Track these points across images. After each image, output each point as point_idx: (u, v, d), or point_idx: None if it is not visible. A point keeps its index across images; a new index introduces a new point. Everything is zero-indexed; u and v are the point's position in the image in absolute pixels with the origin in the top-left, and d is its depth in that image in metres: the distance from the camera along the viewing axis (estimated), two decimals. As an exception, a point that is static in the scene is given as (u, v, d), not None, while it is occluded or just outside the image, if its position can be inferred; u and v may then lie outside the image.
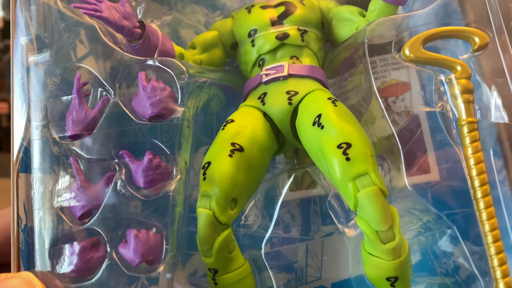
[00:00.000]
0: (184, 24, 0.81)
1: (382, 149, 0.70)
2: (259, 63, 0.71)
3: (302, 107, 0.65)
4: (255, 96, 0.69)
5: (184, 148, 0.65)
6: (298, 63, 0.69)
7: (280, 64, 0.69)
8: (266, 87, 0.68)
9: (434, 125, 0.73)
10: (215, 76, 0.72)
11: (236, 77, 0.76)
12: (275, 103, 0.67)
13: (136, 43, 0.67)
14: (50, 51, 0.65)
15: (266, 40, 0.71)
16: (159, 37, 0.69)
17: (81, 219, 0.61)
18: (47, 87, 0.64)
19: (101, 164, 0.61)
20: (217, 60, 0.75)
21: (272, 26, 0.71)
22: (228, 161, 0.62)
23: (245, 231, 0.71)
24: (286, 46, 0.71)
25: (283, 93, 0.67)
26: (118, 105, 0.62)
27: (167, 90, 0.63)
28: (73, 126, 0.62)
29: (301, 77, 0.68)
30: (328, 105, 0.63)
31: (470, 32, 0.61)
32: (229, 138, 0.64)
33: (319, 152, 0.61)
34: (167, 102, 0.62)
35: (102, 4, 0.65)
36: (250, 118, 0.67)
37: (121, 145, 0.62)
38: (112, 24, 0.64)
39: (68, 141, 0.62)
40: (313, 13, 0.73)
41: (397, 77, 0.76)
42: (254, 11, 0.73)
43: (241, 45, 0.74)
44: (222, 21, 0.77)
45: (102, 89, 0.64)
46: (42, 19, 0.66)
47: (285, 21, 0.71)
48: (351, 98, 0.76)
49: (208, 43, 0.75)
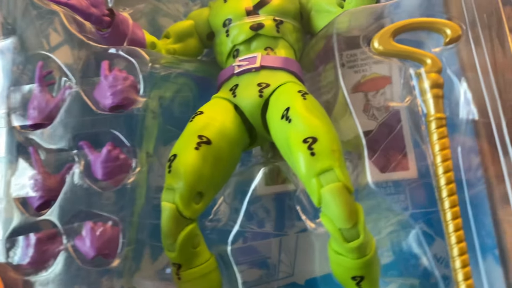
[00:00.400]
0: (163, 13, 0.79)
1: (351, 145, 0.68)
2: (234, 54, 0.69)
3: (273, 100, 0.63)
4: (227, 87, 0.67)
5: (147, 140, 0.63)
6: (272, 54, 0.67)
7: (253, 55, 0.67)
8: (238, 78, 0.66)
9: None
10: (188, 67, 0.70)
11: (212, 68, 0.73)
12: (246, 95, 0.64)
13: (105, 32, 0.65)
14: (15, 38, 0.63)
15: (241, 30, 0.68)
16: (129, 25, 0.67)
17: (38, 210, 0.59)
18: (12, 75, 0.62)
19: (61, 154, 0.60)
20: (192, 50, 0.73)
21: (247, 16, 0.69)
22: (194, 154, 0.60)
23: (213, 225, 0.69)
24: (261, 37, 0.68)
25: (254, 85, 0.64)
26: (79, 94, 0.60)
27: (129, 80, 0.61)
28: (33, 115, 0.60)
29: (274, 69, 0.66)
30: (297, 98, 0.61)
31: (442, 23, 0.58)
32: (196, 130, 0.62)
33: (286, 146, 0.59)
34: (128, 92, 0.60)
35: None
36: (220, 110, 0.64)
37: (81, 136, 0.61)
38: (79, 11, 0.63)
39: (28, 130, 0.61)
40: (290, 3, 0.71)
41: (378, 70, 0.73)
42: (230, 0, 0.71)
43: (217, 35, 0.72)
44: (198, 10, 0.75)
45: (66, 78, 0.62)
46: (7, 6, 0.64)
47: (260, 11, 0.69)
48: (325, 94, 0.73)
49: (183, 32, 0.73)
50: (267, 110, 0.63)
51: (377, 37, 0.59)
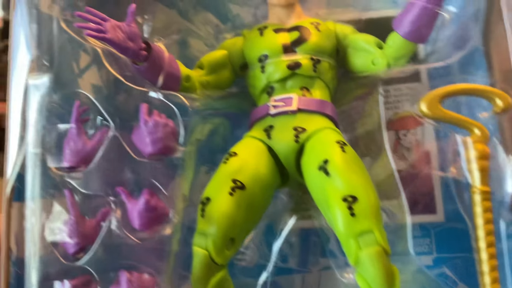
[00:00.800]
0: (194, 34, 0.77)
1: (385, 186, 0.68)
2: (268, 90, 0.67)
3: (309, 146, 0.62)
4: (261, 127, 0.66)
5: (183, 183, 0.62)
6: (308, 95, 0.66)
7: (289, 96, 0.65)
8: (273, 119, 0.65)
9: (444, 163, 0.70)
10: (220, 106, 0.69)
11: (242, 101, 0.72)
12: (281, 139, 0.63)
13: (141, 65, 0.63)
14: (51, 73, 0.61)
15: (277, 68, 0.67)
16: (165, 58, 0.65)
17: (74, 255, 0.59)
18: (46, 112, 0.61)
19: (97, 199, 0.59)
20: (224, 82, 0.71)
21: (284, 53, 0.67)
22: (228, 200, 0.59)
23: (240, 262, 0.69)
24: (297, 76, 0.67)
25: (290, 129, 0.63)
26: (117, 139, 0.59)
27: (169, 127, 0.60)
28: (70, 157, 0.59)
29: (310, 112, 0.65)
30: (336, 149, 0.60)
31: (492, 93, 0.57)
32: (230, 174, 0.61)
33: (323, 199, 0.58)
34: (168, 139, 0.59)
35: (107, 24, 0.61)
36: (254, 152, 0.64)
37: (118, 181, 0.60)
38: (117, 45, 0.61)
39: (64, 172, 0.60)
40: (328, 40, 0.69)
41: (411, 109, 0.72)
42: (267, 34, 0.69)
43: (250, 67, 0.70)
44: (232, 40, 0.73)
45: (102, 118, 0.60)
46: (44, 38, 0.62)
47: (298, 48, 0.67)
48: (358, 128, 0.72)
49: (217, 63, 0.70)
50: (303, 156, 0.63)
51: (425, 101, 0.58)
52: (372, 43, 0.68)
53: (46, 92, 0.61)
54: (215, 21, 0.77)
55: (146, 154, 0.59)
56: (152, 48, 0.63)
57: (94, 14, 0.61)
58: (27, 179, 0.60)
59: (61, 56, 0.65)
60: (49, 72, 0.62)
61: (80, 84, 0.66)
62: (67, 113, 0.60)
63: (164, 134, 0.59)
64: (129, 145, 0.59)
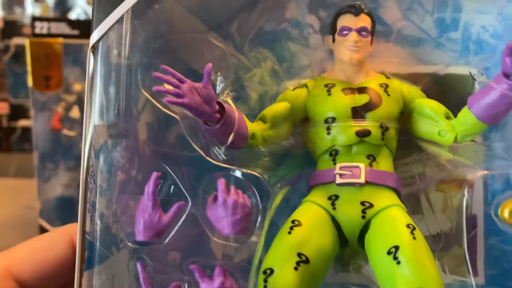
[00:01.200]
0: (248, 70, 0.74)
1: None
2: (332, 152, 0.66)
3: (377, 225, 0.63)
4: (324, 194, 0.65)
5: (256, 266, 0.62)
6: (375, 165, 0.65)
7: (356, 165, 0.65)
8: (339, 189, 0.65)
9: (489, 228, 0.71)
10: (286, 174, 0.67)
11: (302, 159, 0.71)
12: (347, 213, 0.64)
13: (213, 126, 0.62)
14: (125, 140, 0.59)
15: (345, 133, 0.65)
16: (235, 119, 0.63)
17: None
18: (117, 178, 0.59)
19: (170, 276, 0.58)
20: (285, 135, 0.69)
21: (353, 118, 0.66)
22: (293, 275, 0.60)
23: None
24: (365, 143, 0.66)
25: (357, 203, 0.63)
26: (194, 216, 0.58)
27: (247, 207, 0.59)
28: (144, 231, 0.58)
29: (377, 185, 0.64)
30: (406, 235, 0.61)
31: None
32: (295, 246, 0.61)
33: (390, 284, 0.60)
34: (246, 221, 0.59)
35: (184, 86, 0.59)
36: (318, 223, 0.64)
37: (193, 259, 0.59)
38: (193, 110, 0.59)
39: (136, 245, 0.59)
40: (397, 105, 0.67)
41: (462, 172, 0.72)
42: (335, 93, 0.67)
43: (313, 124, 0.68)
44: (295, 92, 0.69)
45: (178, 190, 0.59)
46: (121, 104, 0.59)
47: (367, 114, 0.66)
48: (412, 185, 0.73)
49: (280, 117, 0.68)
50: (369, 233, 0.63)
51: (508, 207, 0.58)
52: (441, 114, 0.67)
53: (118, 157, 0.58)
54: (272, 59, 0.73)
55: (224, 234, 0.58)
56: (225, 111, 0.61)
57: (172, 75, 0.58)
58: (96, 246, 0.58)
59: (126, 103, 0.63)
60: (125, 138, 0.59)
61: (138, 128, 0.64)
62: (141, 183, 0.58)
63: (243, 216, 0.58)
64: (205, 223, 0.58)
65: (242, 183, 0.60)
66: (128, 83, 0.61)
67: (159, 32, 0.63)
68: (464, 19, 0.69)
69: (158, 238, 0.58)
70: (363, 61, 0.68)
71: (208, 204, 0.59)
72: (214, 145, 0.64)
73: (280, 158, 0.69)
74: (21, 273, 0.58)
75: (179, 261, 0.59)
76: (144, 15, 0.62)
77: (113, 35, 0.60)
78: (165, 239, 0.58)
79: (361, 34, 0.66)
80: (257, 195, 0.60)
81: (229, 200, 0.59)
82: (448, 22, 0.70)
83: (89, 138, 0.58)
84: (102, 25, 0.59)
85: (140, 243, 0.58)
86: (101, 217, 0.59)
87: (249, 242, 0.60)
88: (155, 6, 0.61)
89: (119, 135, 0.59)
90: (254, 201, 0.60)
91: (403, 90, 0.68)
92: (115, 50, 0.60)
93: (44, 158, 2.40)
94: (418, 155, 0.72)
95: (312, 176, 0.67)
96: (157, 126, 0.63)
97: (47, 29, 2.36)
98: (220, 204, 0.58)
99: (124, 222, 0.58)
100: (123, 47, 0.61)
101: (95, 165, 0.58)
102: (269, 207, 0.63)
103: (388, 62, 0.72)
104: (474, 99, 0.64)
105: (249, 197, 0.60)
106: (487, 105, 0.62)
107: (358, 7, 0.66)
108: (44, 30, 2.36)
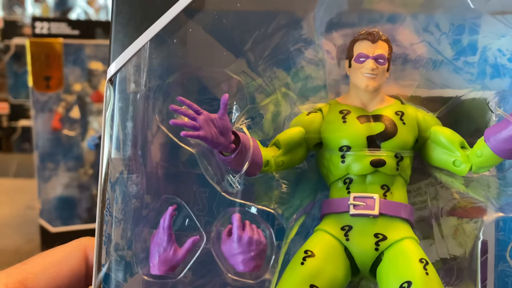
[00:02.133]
0: (261, 89, 0.73)
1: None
2: (345, 180, 0.65)
3: (390, 258, 0.62)
4: (337, 223, 0.64)
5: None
6: (389, 196, 0.64)
7: (370, 196, 0.64)
8: (353, 219, 0.64)
9: (500, 254, 0.70)
10: (301, 203, 0.66)
11: (315, 186, 0.69)
12: (361, 244, 0.63)
13: (228, 156, 0.60)
14: (140, 172, 0.57)
15: (359, 163, 0.64)
16: (250, 148, 0.62)
17: None
18: (132, 207, 0.57)
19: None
20: (298, 160, 0.69)
21: (368, 147, 0.64)
22: None
23: None
24: (379, 173, 0.65)
25: (371, 235, 0.63)
26: (210, 252, 0.56)
27: (262, 244, 0.58)
28: (159, 265, 0.57)
29: (391, 217, 0.63)
30: (419, 271, 0.60)
31: None
32: (308, 278, 0.60)
33: None
34: (260, 258, 0.58)
35: (201, 118, 0.57)
36: (331, 254, 0.63)
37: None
38: (209, 142, 0.58)
39: (151, 278, 0.57)
40: (412, 133, 0.66)
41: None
42: (350, 121, 0.66)
43: (327, 151, 0.67)
44: (309, 118, 0.68)
45: (193, 223, 0.57)
46: (138, 139, 0.58)
47: (383, 144, 0.65)
48: (424, 209, 0.72)
49: (294, 143, 0.67)
50: (382, 266, 0.63)
51: None
52: (456, 143, 0.66)
53: (135, 190, 0.57)
54: (285, 79, 0.72)
55: (236, 270, 0.57)
56: (240, 141, 0.60)
57: (189, 106, 0.57)
58: (112, 278, 0.57)
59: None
60: (141, 174, 0.58)
61: (152, 150, 0.63)
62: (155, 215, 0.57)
63: (257, 253, 0.57)
64: (219, 257, 0.57)
65: (256, 217, 0.58)
66: (145, 117, 0.59)
67: (176, 64, 0.62)
68: (481, 42, 0.68)
69: (173, 272, 0.57)
70: (379, 87, 0.66)
71: (223, 239, 0.58)
72: (228, 173, 0.62)
73: (293, 185, 0.67)
74: (35, 287, 0.57)
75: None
76: (162, 47, 0.60)
77: (130, 67, 0.59)
78: (179, 273, 0.56)
79: (378, 61, 0.65)
80: (271, 229, 0.58)
81: (244, 236, 0.57)
82: (465, 45, 0.68)
83: (104, 171, 0.56)
84: (120, 58, 0.57)
85: (155, 276, 0.57)
86: (116, 248, 0.57)
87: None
88: (173, 40, 0.59)
89: (135, 169, 0.58)
90: (268, 233, 0.58)
91: (418, 117, 0.67)
92: (132, 84, 0.59)
93: (44, 158, 2.37)
94: (431, 179, 0.71)
95: (326, 204, 0.66)
96: (171, 160, 0.61)
97: (47, 29, 2.32)
98: (235, 240, 0.57)
99: (139, 253, 0.57)
100: (142, 79, 0.59)
101: (111, 197, 0.57)
102: (284, 242, 0.62)
103: (404, 86, 0.70)
104: (490, 132, 0.63)
105: (263, 230, 0.58)
106: (504, 140, 0.61)
107: (376, 34, 0.65)
108: (44, 30, 2.32)
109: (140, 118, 0.59)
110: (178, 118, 0.59)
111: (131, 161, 0.57)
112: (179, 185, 0.61)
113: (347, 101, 0.67)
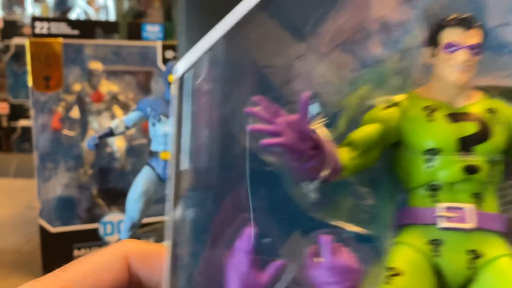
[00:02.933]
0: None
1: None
2: (430, 187, 0.55)
3: (485, 278, 0.54)
4: (423, 236, 0.55)
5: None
6: (483, 206, 0.55)
7: (461, 206, 0.54)
8: (442, 233, 0.54)
9: None
10: (386, 215, 0.57)
11: (390, 192, 0.59)
12: (453, 262, 0.54)
13: (305, 162, 0.50)
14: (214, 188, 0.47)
15: (449, 169, 0.55)
16: (329, 153, 0.52)
17: None
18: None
19: None
20: (371, 163, 0.58)
21: (458, 151, 0.54)
22: None
23: None
24: (471, 181, 0.55)
25: (464, 251, 0.54)
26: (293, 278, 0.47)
27: (356, 272, 0.49)
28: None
29: (486, 231, 0.53)
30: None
31: None
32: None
33: None
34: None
35: (281, 122, 0.47)
36: (419, 273, 0.54)
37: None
38: (288, 148, 0.47)
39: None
40: (506, 134, 0.57)
41: None
42: (438, 119, 0.56)
43: (408, 151, 0.57)
44: (387, 113, 0.57)
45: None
46: (213, 149, 0.47)
47: (475, 147, 0.55)
48: (509, 211, 0.62)
49: (372, 143, 0.57)
50: (475, 285, 0.54)
51: None
52: None
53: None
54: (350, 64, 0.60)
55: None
56: (319, 145, 0.50)
57: (265, 107, 0.47)
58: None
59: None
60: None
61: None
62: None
63: (353, 284, 0.47)
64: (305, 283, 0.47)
65: (348, 240, 0.48)
66: (221, 124, 0.49)
67: (251, 62, 0.51)
68: None
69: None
70: (469, 81, 0.56)
71: (310, 263, 0.48)
72: (301, 181, 0.52)
73: (372, 193, 0.57)
74: None
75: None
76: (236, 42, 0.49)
77: (202, 67, 0.48)
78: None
79: (472, 52, 0.54)
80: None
81: (337, 263, 0.47)
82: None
83: (174, 184, 0.46)
84: (189, 55, 0.46)
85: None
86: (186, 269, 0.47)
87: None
88: (249, 34, 0.49)
89: (209, 185, 0.47)
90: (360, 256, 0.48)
91: (510, 115, 0.57)
92: (205, 86, 0.48)
93: (44, 158, 2.29)
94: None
95: (406, 213, 0.56)
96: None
97: (47, 29, 2.25)
98: (326, 268, 0.47)
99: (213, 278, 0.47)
100: (214, 81, 0.48)
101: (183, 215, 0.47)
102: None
103: (490, 75, 0.60)
104: None
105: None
106: None
107: (470, 19, 0.54)
108: (44, 30, 2.25)
109: (215, 123, 0.48)
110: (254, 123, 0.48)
111: (205, 173, 0.47)
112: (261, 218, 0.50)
113: (428, 94, 0.57)
